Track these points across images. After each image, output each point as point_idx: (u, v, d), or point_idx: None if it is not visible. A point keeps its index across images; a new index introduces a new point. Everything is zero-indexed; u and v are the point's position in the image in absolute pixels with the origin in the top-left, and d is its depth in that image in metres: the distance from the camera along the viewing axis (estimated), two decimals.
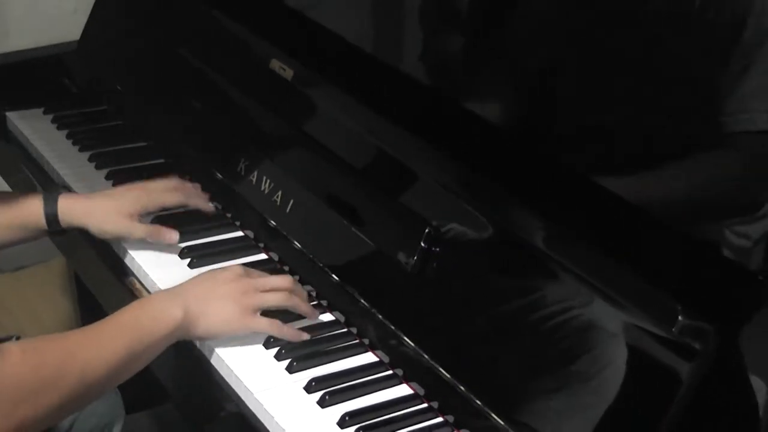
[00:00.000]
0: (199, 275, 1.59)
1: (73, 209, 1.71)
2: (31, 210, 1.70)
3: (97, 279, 1.82)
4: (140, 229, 1.71)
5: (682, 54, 1.25)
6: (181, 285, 1.54)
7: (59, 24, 2.32)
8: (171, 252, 1.74)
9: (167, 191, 1.78)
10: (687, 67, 1.25)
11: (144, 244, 1.73)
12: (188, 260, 1.72)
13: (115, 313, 1.45)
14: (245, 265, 1.68)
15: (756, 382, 1.22)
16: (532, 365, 1.37)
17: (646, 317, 1.27)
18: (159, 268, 1.71)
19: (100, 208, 1.72)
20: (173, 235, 1.72)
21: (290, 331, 1.55)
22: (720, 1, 1.19)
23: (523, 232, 1.43)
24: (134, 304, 1.49)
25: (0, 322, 2.64)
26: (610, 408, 1.27)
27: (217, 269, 1.60)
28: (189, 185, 1.83)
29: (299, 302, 1.58)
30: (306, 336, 1.55)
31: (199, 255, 1.73)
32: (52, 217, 1.70)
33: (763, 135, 1.19)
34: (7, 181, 2.25)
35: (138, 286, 1.71)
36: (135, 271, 1.73)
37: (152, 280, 1.68)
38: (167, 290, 1.55)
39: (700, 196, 1.29)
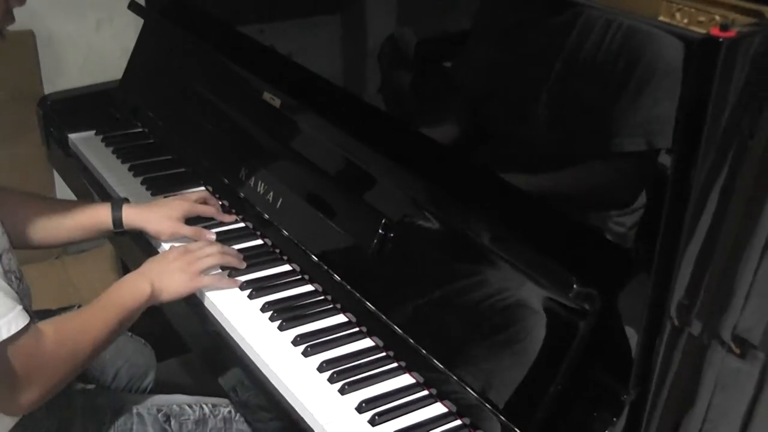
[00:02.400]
0: (155, 257, 1.60)
1: (134, 215, 1.72)
2: (101, 216, 1.71)
3: (134, 259, 1.80)
4: (187, 230, 1.72)
5: (579, 88, 1.22)
6: (144, 266, 1.57)
7: (107, 67, 2.29)
8: (185, 240, 1.72)
9: (200, 201, 1.79)
10: (582, 97, 1.22)
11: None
12: None
13: (105, 294, 1.49)
14: (247, 249, 1.69)
15: (628, 330, 1.22)
16: (463, 321, 1.35)
17: (550, 287, 1.25)
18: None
19: (155, 215, 1.73)
20: (211, 235, 1.72)
21: (228, 281, 1.58)
22: (608, 51, 1.15)
23: (456, 222, 1.40)
24: (116, 286, 1.51)
25: (67, 293, 2.65)
26: (526, 353, 1.26)
27: (166, 251, 1.63)
28: (213, 198, 1.84)
29: (230, 259, 1.61)
30: (239, 283, 1.59)
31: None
32: (118, 221, 1.71)
33: (632, 142, 1.16)
34: (69, 186, 2.25)
35: None
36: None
37: None
38: (136, 272, 1.56)
39: (590, 194, 1.27)
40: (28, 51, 2.73)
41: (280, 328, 1.49)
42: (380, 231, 1.48)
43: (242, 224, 1.79)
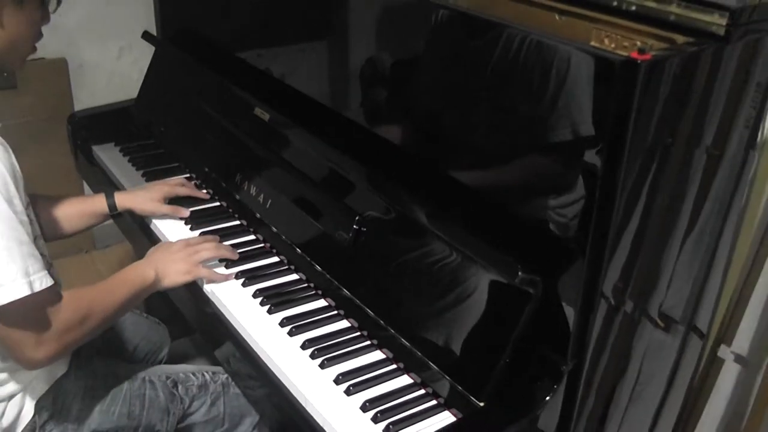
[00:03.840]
0: (159, 246, 1.59)
1: (124, 199, 1.75)
2: (97, 203, 1.74)
3: (143, 247, 1.74)
4: (165, 208, 1.75)
5: (514, 93, 1.21)
6: (149, 254, 1.56)
7: (127, 88, 2.27)
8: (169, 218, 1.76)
9: (178, 185, 1.80)
10: (526, 109, 1.20)
11: (168, 224, 1.75)
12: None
13: (116, 275, 1.48)
14: (241, 243, 1.66)
15: (567, 309, 1.20)
16: (426, 304, 1.32)
17: (499, 273, 1.23)
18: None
19: (140, 198, 1.75)
20: (185, 212, 1.76)
21: (219, 275, 1.55)
22: (548, 69, 1.14)
23: (419, 218, 1.37)
24: (125, 269, 1.50)
25: (95, 282, 2.63)
26: (480, 331, 1.23)
27: (169, 242, 1.62)
28: (190, 183, 1.86)
29: (224, 252, 1.58)
30: (231, 278, 1.56)
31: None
32: (112, 206, 1.74)
33: (567, 147, 1.14)
34: (92, 190, 2.21)
35: None
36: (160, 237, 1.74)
37: None
38: (143, 259, 1.54)
39: (534, 192, 1.24)
40: (61, 76, 2.74)
41: (269, 311, 1.46)
42: (355, 227, 1.45)
43: (237, 222, 1.75)
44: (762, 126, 1.73)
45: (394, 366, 1.34)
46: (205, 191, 1.83)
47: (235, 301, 1.49)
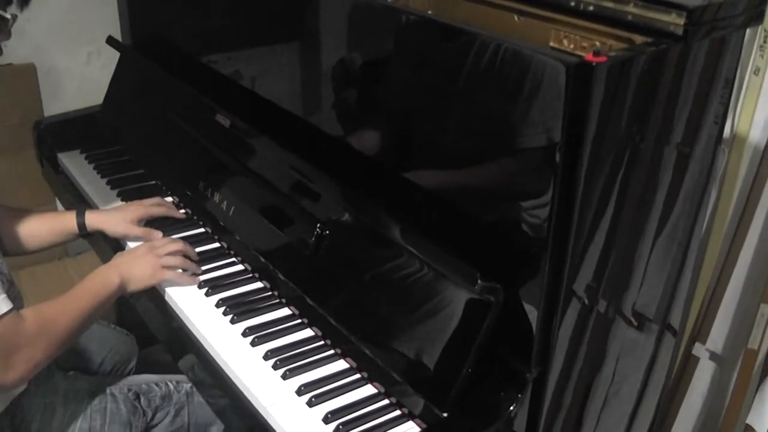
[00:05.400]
0: (125, 252, 1.57)
1: (95, 219, 1.68)
2: (67, 222, 1.67)
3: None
4: (138, 231, 1.66)
5: (473, 98, 1.19)
6: (114, 259, 1.53)
7: (97, 93, 2.22)
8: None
9: (154, 206, 1.73)
10: (475, 105, 1.19)
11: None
12: None
13: (80, 284, 1.44)
14: (205, 251, 1.63)
15: (530, 315, 1.18)
16: (387, 313, 1.30)
17: (458, 282, 1.21)
18: None
19: (112, 218, 1.68)
20: (158, 234, 1.65)
21: (185, 278, 1.52)
22: (505, 72, 1.12)
23: (379, 226, 1.35)
24: (89, 277, 1.47)
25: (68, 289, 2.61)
26: (441, 340, 1.21)
27: (134, 247, 1.59)
28: (168, 202, 1.78)
29: (189, 251, 1.56)
30: (198, 281, 1.53)
31: None
32: (81, 225, 1.67)
33: (526, 151, 1.12)
34: (58, 199, 2.19)
35: None
36: None
37: None
38: (106, 265, 1.51)
39: (494, 195, 1.22)
40: (30, 81, 2.70)
41: (232, 321, 1.43)
42: (316, 234, 1.42)
43: (202, 229, 1.71)
44: (732, 122, 1.72)
45: (357, 375, 1.32)
46: (183, 211, 1.77)
47: (198, 310, 1.46)
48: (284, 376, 1.31)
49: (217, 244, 1.66)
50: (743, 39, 1.30)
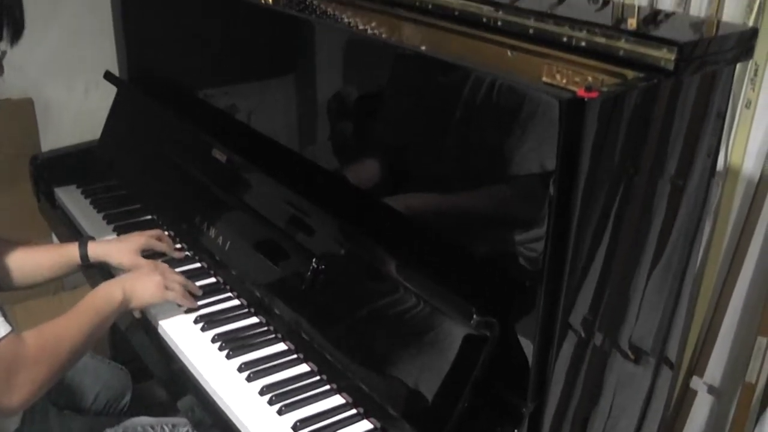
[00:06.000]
0: (130, 272, 1.57)
1: (98, 250, 1.67)
2: (70, 253, 1.66)
3: None
4: (143, 262, 1.63)
5: (468, 132, 1.20)
6: (120, 276, 1.54)
7: (95, 127, 2.23)
8: None
9: (154, 237, 1.72)
10: (470, 139, 1.19)
11: None
12: None
13: (82, 301, 1.43)
14: (202, 287, 1.62)
15: (526, 349, 1.18)
16: (383, 348, 1.29)
17: (454, 317, 1.21)
18: None
19: (115, 249, 1.67)
20: (164, 266, 1.63)
21: (189, 299, 1.54)
22: (500, 107, 1.13)
23: (376, 260, 1.35)
24: (93, 293, 1.46)
25: None
26: (437, 375, 1.20)
27: (140, 265, 1.60)
28: (167, 237, 1.77)
29: (191, 285, 1.57)
30: (197, 304, 1.55)
31: None
32: (84, 256, 1.66)
33: (520, 185, 1.12)
34: (54, 233, 2.18)
35: None
36: None
37: None
38: (111, 280, 1.52)
39: (489, 229, 1.22)
40: (28, 115, 2.70)
41: (228, 356, 1.43)
42: (311, 270, 1.42)
43: (198, 264, 1.71)
44: (725, 155, 1.73)
45: (353, 411, 1.31)
46: (180, 247, 1.77)
47: (194, 346, 1.46)
48: (280, 412, 1.30)
49: (213, 279, 1.65)
50: (734, 73, 1.31)
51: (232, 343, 1.45)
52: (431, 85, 1.25)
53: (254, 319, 1.53)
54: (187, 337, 1.48)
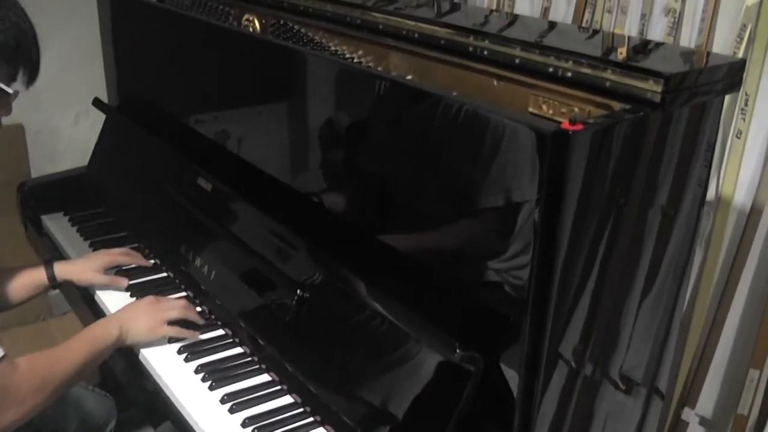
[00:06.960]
0: (127, 305, 1.57)
1: (63, 270, 1.72)
2: (37, 275, 1.71)
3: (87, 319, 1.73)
4: (104, 279, 1.71)
5: (452, 162, 1.18)
6: (117, 311, 1.55)
7: (85, 153, 2.22)
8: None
9: (120, 255, 1.77)
10: (455, 170, 1.18)
11: (112, 295, 1.71)
12: None
13: (79, 334, 1.46)
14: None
15: (511, 382, 1.16)
16: (367, 383, 1.28)
17: (439, 350, 1.19)
18: None
19: (79, 267, 1.72)
20: (124, 281, 1.72)
21: (187, 332, 1.53)
22: (471, 131, 1.12)
23: (360, 292, 1.34)
24: (88, 328, 1.48)
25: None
26: (421, 409, 1.19)
27: (137, 300, 1.60)
28: (134, 252, 1.81)
29: (191, 313, 1.57)
30: (198, 335, 1.54)
31: None
32: (51, 276, 1.71)
33: (505, 216, 1.11)
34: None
35: None
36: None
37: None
38: (108, 316, 1.55)
39: (474, 261, 1.20)
40: (18, 142, 2.71)
41: (210, 388, 1.41)
42: (296, 300, 1.41)
43: (184, 293, 1.70)
44: (716, 185, 1.73)
45: None
46: (153, 261, 1.79)
47: (177, 377, 1.44)
48: None
49: (199, 309, 1.63)
50: (723, 104, 1.30)
51: (216, 374, 1.43)
52: (416, 115, 1.24)
53: (238, 350, 1.51)
54: (170, 368, 1.46)
